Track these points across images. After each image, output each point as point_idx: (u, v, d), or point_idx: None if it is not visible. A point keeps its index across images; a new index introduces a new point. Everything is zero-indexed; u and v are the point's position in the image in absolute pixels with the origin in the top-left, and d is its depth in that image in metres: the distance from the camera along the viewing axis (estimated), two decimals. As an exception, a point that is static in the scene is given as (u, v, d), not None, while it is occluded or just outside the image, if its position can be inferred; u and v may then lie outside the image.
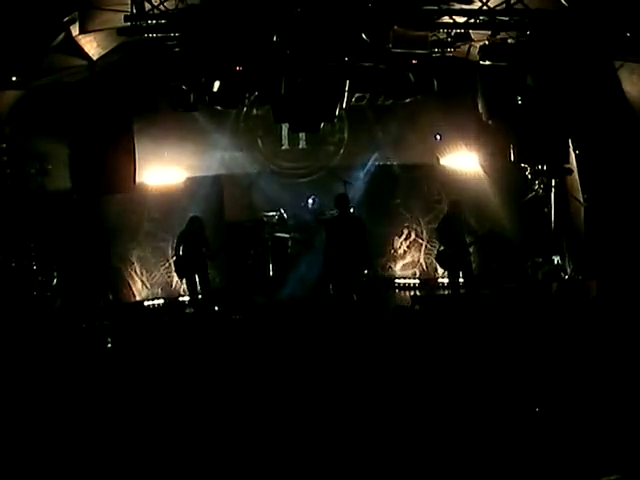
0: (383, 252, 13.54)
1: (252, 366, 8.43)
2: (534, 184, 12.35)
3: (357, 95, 10.49)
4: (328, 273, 11.20)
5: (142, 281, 12.52)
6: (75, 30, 8.59)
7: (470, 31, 9.56)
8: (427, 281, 13.39)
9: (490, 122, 9.28)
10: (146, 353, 8.75)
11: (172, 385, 7.95)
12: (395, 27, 8.72)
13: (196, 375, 8.21)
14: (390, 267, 13.65)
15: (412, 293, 13.05)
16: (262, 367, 8.41)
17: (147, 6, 8.51)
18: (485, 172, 12.29)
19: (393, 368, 8.38)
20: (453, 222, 11.67)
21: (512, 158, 9.64)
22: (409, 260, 13.63)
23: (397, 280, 13.56)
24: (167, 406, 7.59)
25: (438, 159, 12.57)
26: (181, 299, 12.50)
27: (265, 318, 9.94)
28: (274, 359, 8.54)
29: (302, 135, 13.05)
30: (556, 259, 11.76)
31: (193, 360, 8.55)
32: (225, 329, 9.68)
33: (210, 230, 12.03)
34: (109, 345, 9.50)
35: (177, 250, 11.44)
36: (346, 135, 13.23)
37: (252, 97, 10.24)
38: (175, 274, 12.00)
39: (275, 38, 9.28)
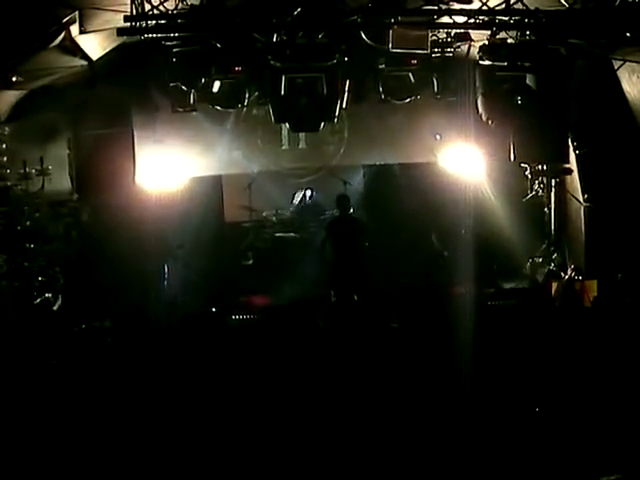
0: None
1: (251, 368, 8.43)
2: (534, 184, 12.36)
3: (357, 95, 10.49)
4: (329, 273, 11.22)
5: (142, 281, 12.49)
6: (75, 30, 8.58)
7: (470, 31, 9.58)
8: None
9: (490, 122, 9.26)
10: (146, 354, 8.73)
11: (172, 386, 7.95)
12: (395, 27, 8.72)
13: (196, 377, 8.20)
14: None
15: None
16: (261, 369, 8.40)
17: (147, 6, 8.50)
18: (485, 172, 12.29)
19: (393, 368, 8.38)
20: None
21: (512, 158, 9.64)
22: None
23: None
24: (167, 408, 7.59)
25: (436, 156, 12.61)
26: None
27: (265, 320, 9.91)
28: (273, 362, 8.53)
29: (302, 135, 13.04)
30: (556, 260, 11.76)
31: (193, 361, 8.54)
32: (223, 331, 9.66)
33: (210, 230, 12.00)
34: (109, 344, 9.50)
35: None
36: (346, 135, 13.22)
37: (252, 97, 10.23)
38: None
39: (275, 38, 9.30)
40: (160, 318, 11.30)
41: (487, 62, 8.91)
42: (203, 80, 9.57)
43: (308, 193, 13.30)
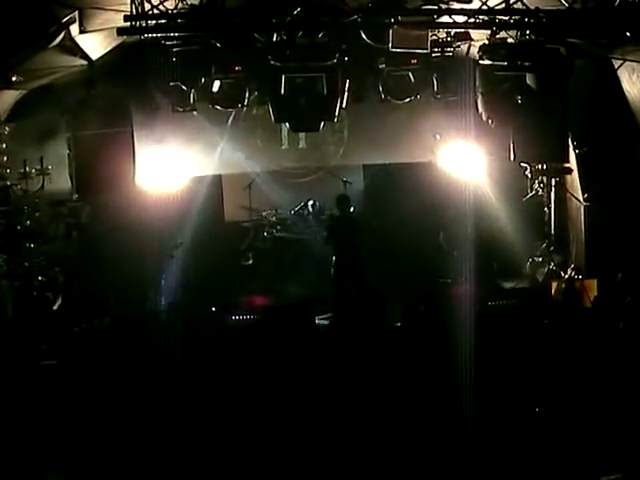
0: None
1: (250, 369, 8.43)
2: (534, 184, 12.36)
3: (357, 95, 10.50)
4: (331, 272, 11.27)
5: (142, 281, 12.48)
6: (75, 30, 8.58)
7: (470, 30, 9.58)
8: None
9: (490, 122, 9.26)
10: (145, 354, 8.74)
11: (171, 386, 7.94)
12: (395, 27, 8.72)
13: (195, 377, 8.20)
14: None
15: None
16: (260, 369, 8.40)
17: (147, 6, 8.50)
18: (485, 171, 12.29)
19: (393, 368, 8.38)
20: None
21: (512, 158, 9.64)
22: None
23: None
24: (166, 407, 7.59)
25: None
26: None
27: (264, 320, 9.91)
28: (272, 362, 8.53)
29: (302, 135, 13.05)
30: (556, 259, 11.76)
31: (192, 361, 8.54)
32: (222, 331, 9.67)
33: (210, 230, 11.97)
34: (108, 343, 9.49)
35: None
36: (346, 135, 13.22)
37: (252, 97, 10.24)
38: None
39: (275, 38, 9.30)
40: (159, 318, 11.31)
41: (487, 62, 8.91)
42: (203, 80, 9.58)
43: (310, 203, 13.29)
